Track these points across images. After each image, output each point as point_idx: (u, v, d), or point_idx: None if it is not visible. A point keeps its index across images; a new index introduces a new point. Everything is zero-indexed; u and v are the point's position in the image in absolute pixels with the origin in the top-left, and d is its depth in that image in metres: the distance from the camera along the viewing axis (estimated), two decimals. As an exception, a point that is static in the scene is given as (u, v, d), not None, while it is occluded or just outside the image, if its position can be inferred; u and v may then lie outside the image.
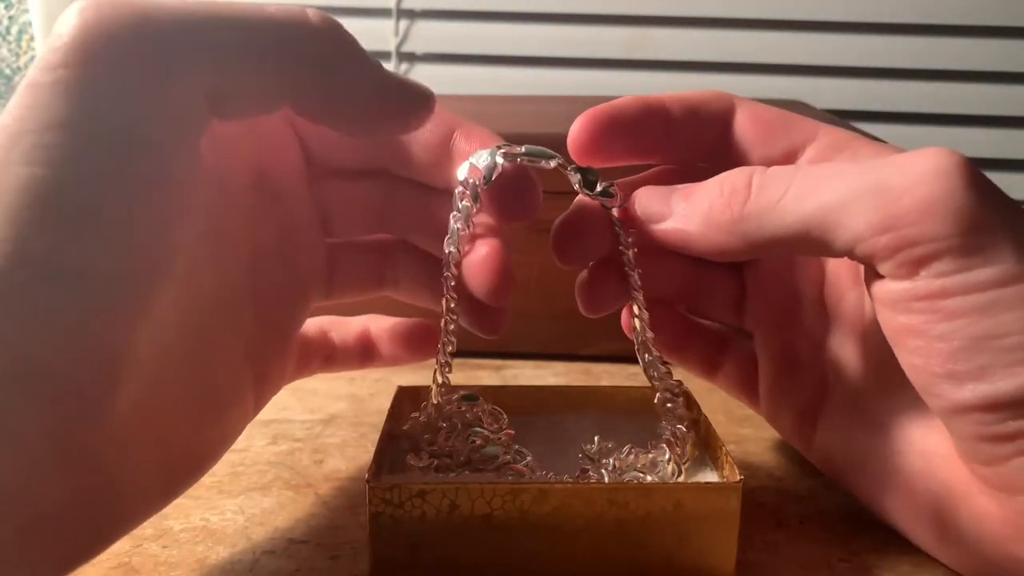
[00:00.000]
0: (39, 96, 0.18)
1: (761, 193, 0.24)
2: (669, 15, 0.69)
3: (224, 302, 0.25)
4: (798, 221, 0.23)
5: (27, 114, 0.18)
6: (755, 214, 0.24)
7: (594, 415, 0.32)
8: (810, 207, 0.23)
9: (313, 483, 0.31)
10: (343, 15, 0.69)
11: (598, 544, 0.25)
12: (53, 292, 0.17)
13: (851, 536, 0.28)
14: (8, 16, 0.74)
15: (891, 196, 0.22)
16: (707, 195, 0.25)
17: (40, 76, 0.18)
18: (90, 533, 0.20)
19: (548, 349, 0.44)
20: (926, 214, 0.21)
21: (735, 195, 0.24)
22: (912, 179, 0.22)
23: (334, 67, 0.23)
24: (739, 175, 0.25)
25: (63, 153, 0.18)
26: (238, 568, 0.26)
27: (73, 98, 0.18)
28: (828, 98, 0.66)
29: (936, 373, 0.22)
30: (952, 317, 0.21)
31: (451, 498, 0.24)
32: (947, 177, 0.21)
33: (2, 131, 0.18)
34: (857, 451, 0.28)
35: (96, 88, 0.19)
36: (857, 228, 0.22)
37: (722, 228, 0.24)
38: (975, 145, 0.68)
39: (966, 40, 0.67)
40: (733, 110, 0.28)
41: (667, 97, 0.28)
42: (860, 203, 0.22)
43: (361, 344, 0.31)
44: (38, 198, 0.17)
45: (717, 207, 0.24)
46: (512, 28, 0.70)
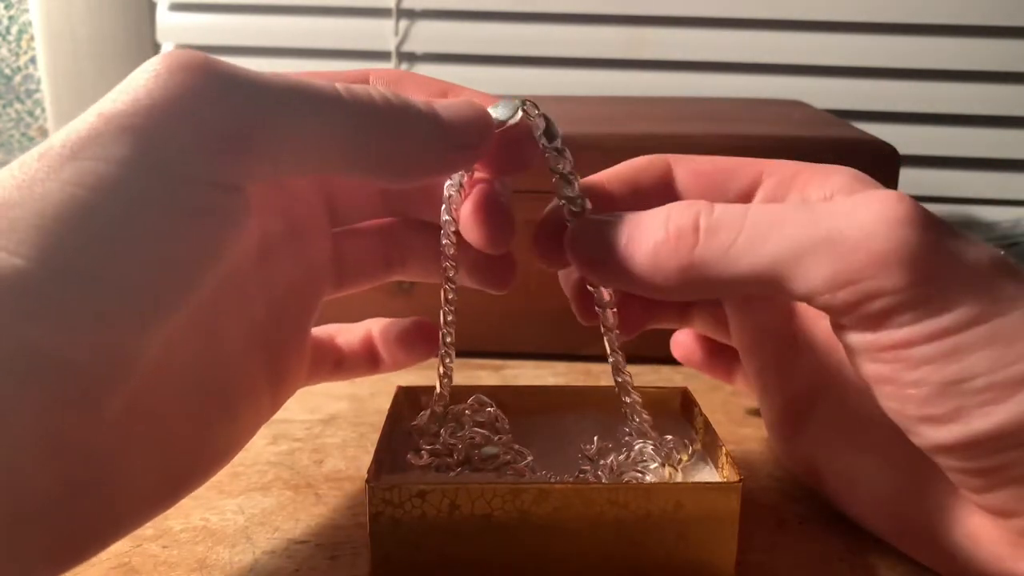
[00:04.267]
0: (104, 131, 0.18)
1: (710, 238, 0.23)
2: (669, 15, 0.68)
3: (234, 296, 0.25)
4: (750, 270, 0.22)
5: (86, 142, 0.18)
6: (705, 261, 0.23)
7: (594, 415, 0.32)
8: (763, 257, 0.22)
9: (313, 483, 0.31)
10: (343, 15, 0.69)
11: (598, 544, 0.25)
12: (69, 291, 0.17)
13: (851, 536, 0.28)
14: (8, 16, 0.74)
15: (845, 249, 0.21)
16: (651, 236, 0.23)
17: (112, 113, 0.18)
18: (82, 530, 0.20)
19: (548, 349, 0.44)
20: (881, 268, 0.21)
21: (682, 239, 0.23)
22: (863, 231, 0.21)
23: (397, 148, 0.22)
24: (685, 214, 0.23)
25: (111, 184, 0.18)
26: (238, 568, 0.26)
27: (141, 145, 0.18)
28: (828, 98, 0.66)
29: (912, 416, 0.22)
30: (919, 365, 0.22)
31: (451, 498, 0.24)
32: (898, 226, 0.21)
33: (57, 151, 0.18)
34: (846, 468, 0.28)
35: (167, 144, 0.19)
36: (814, 282, 0.22)
37: (669, 274, 0.23)
38: (975, 145, 0.68)
39: (966, 40, 0.67)
40: (670, 171, 0.28)
41: (604, 178, 0.28)
42: (815, 256, 0.22)
43: (367, 349, 0.31)
44: (74, 213, 0.18)
45: (663, 251, 0.23)
46: (512, 28, 0.70)
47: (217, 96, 0.19)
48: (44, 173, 0.18)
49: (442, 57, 0.71)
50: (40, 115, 0.77)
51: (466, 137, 0.23)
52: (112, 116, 0.18)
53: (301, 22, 0.71)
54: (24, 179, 0.18)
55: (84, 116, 0.19)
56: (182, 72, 0.19)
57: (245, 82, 0.20)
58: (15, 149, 0.77)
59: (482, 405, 0.29)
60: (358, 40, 0.70)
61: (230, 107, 0.19)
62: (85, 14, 0.72)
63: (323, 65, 0.72)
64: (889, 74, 0.68)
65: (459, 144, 0.23)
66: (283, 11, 0.71)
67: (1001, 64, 0.67)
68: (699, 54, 0.69)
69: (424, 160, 0.23)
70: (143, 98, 0.19)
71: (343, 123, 0.21)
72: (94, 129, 0.18)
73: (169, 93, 0.19)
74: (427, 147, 0.23)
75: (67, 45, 0.72)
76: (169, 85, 0.19)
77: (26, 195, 0.17)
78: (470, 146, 0.24)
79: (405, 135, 0.22)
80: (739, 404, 0.38)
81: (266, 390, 0.26)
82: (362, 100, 0.22)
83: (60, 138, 0.18)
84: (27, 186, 0.18)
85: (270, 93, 0.20)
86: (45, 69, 0.73)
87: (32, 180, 0.18)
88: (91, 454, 0.19)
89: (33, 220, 0.17)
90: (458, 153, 0.24)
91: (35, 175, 0.18)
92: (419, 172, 0.23)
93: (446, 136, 0.23)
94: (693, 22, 0.69)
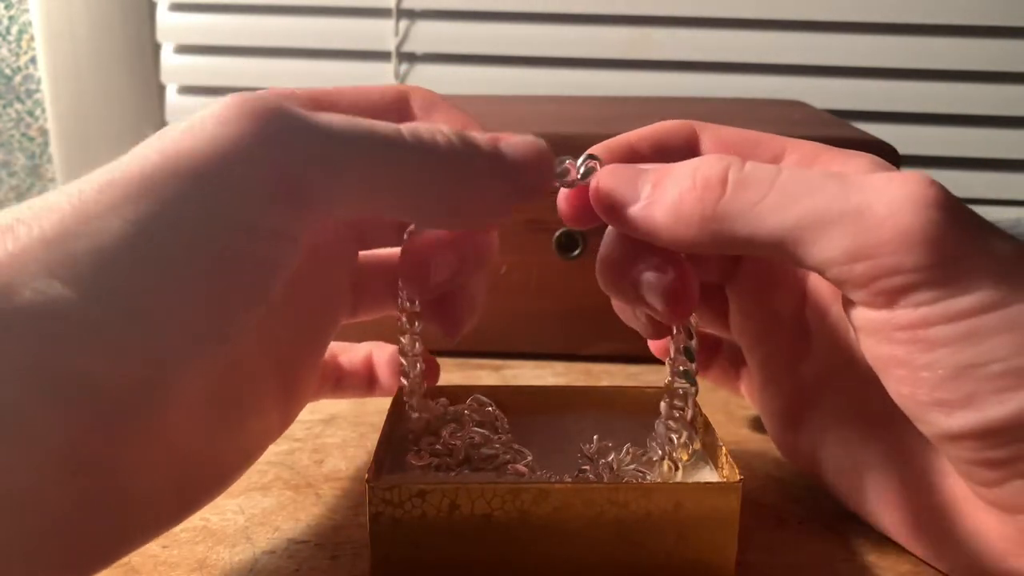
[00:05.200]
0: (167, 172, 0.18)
1: (738, 193, 0.23)
2: (669, 15, 0.69)
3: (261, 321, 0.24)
4: (774, 231, 0.22)
5: (149, 183, 0.18)
6: (729, 215, 0.23)
7: (594, 415, 0.32)
8: (788, 219, 0.22)
9: (313, 483, 0.31)
10: (343, 15, 0.69)
11: (598, 544, 0.25)
12: (118, 327, 0.18)
13: (851, 536, 0.28)
14: (8, 16, 0.74)
15: (870, 223, 0.21)
16: (678, 184, 0.23)
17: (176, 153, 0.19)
18: (97, 544, 0.20)
19: (548, 349, 0.44)
20: (903, 244, 0.21)
21: (708, 190, 0.23)
22: (891, 207, 0.21)
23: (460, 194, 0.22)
24: (714, 166, 0.23)
25: (170, 227, 0.18)
26: (238, 568, 0.26)
27: (203, 191, 0.19)
28: (828, 98, 0.66)
29: (924, 402, 0.22)
30: (935, 347, 0.21)
31: (451, 498, 0.24)
32: (925, 207, 0.21)
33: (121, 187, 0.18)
34: (849, 463, 0.28)
35: (226, 190, 0.19)
36: (833, 251, 0.22)
37: (691, 223, 0.23)
38: (975, 145, 0.68)
39: (966, 40, 0.67)
40: (696, 136, 0.28)
41: (633, 137, 0.27)
42: (839, 226, 0.22)
43: (366, 370, 0.31)
44: (132, 253, 0.18)
45: (688, 200, 0.23)
46: (512, 28, 0.70)
47: (280, 145, 0.19)
48: (105, 208, 0.18)
49: (442, 57, 0.71)
50: (40, 115, 0.77)
51: (531, 181, 0.23)
52: (176, 157, 0.19)
53: (301, 22, 0.71)
54: (84, 211, 0.18)
55: (145, 151, 0.19)
56: (247, 118, 0.19)
57: (309, 129, 0.20)
58: (15, 149, 0.77)
59: (481, 405, 0.29)
60: (358, 40, 0.70)
61: (293, 158, 0.20)
62: (85, 14, 0.72)
63: (323, 65, 0.72)
64: (889, 74, 0.68)
65: (523, 189, 0.23)
66: (283, 11, 0.71)
67: (1001, 64, 0.67)
68: (699, 54, 0.69)
69: (487, 205, 0.23)
70: (207, 143, 0.19)
71: (407, 170, 0.21)
72: (157, 168, 0.18)
73: (233, 140, 0.19)
74: (491, 192, 0.23)
75: (67, 45, 0.72)
76: (233, 131, 0.19)
77: (84, 229, 0.18)
78: (535, 190, 0.24)
79: (469, 181, 0.22)
80: (739, 404, 0.38)
81: (277, 408, 0.26)
82: (426, 144, 0.21)
83: (122, 171, 0.18)
84: (86, 220, 0.18)
85: (333, 141, 0.20)
86: (45, 69, 0.73)
87: (93, 214, 0.18)
88: (108, 475, 0.19)
89: (91, 256, 0.17)
90: (522, 198, 0.23)
91: (97, 209, 0.18)
92: (481, 218, 0.23)
93: (511, 180, 0.23)
94: (694, 22, 0.69)
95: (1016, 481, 0.21)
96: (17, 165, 0.77)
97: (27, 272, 0.17)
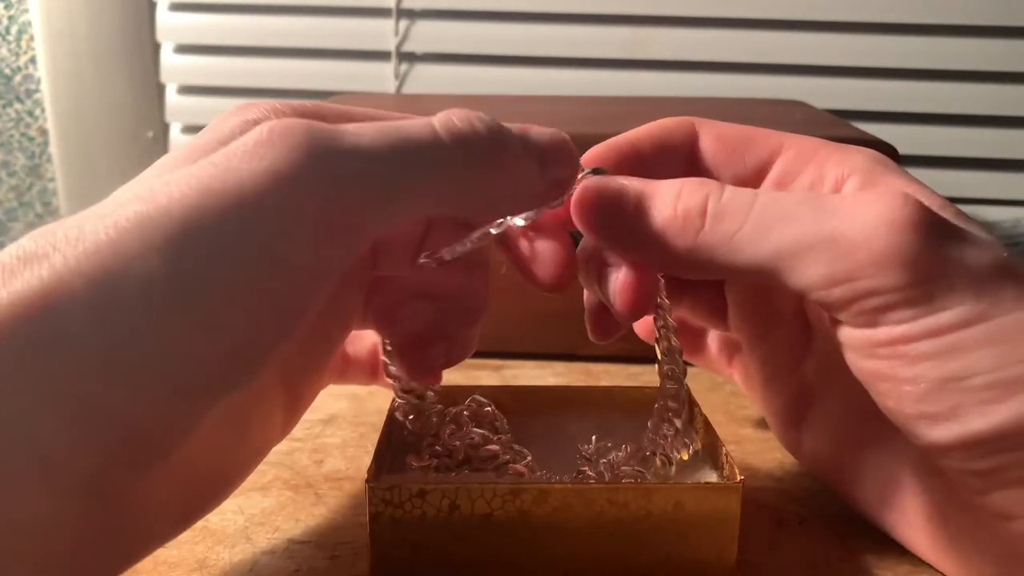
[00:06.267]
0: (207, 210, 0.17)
1: (716, 224, 0.23)
2: (669, 15, 0.68)
3: None
4: (751, 260, 0.23)
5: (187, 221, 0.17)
6: (709, 246, 0.23)
7: (594, 415, 0.32)
8: (765, 250, 0.23)
9: (313, 483, 0.31)
10: (343, 15, 0.69)
11: (598, 544, 0.25)
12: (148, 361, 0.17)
13: (851, 536, 0.28)
14: (8, 16, 0.74)
15: (845, 249, 0.22)
16: (660, 210, 0.24)
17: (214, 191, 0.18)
18: (108, 561, 0.20)
19: (548, 349, 0.44)
20: (879, 268, 0.21)
21: (689, 221, 0.24)
22: (864, 231, 0.22)
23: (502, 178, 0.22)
24: (695, 195, 0.24)
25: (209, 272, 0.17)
26: (238, 568, 0.26)
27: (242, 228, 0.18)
28: (828, 98, 0.66)
29: (909, 414, 0.22)
30: (917, 361, 0.21)
31: (451, 498, 0.24)
32: (899, 230, 0.21)
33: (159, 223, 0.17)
34: (850, 460, 0.28)
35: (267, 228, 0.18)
36: (812, 278, 0.22)
37: (675, 252, 0.24)
38: (975, 145, 0.68)
39: (966, 40, 0.67)
40: (696, 134, 0.28)
41: (635, 136, 0.28)
42: (814, 254, 0.22)
43: (371, 360, 0.31)
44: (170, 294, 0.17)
45: (671, 230, 0.24)
46: (512, 28, 0.70)
47: (322, 180, 0.19)
48: (144, 245, 0.17)
49: (442, 57, 0.71)
50: (40, 115, 0.76)
51: (560, 165, 0.23)
52: (215, 194, 0.18)
53: (301, 22, 0.71)
54: (121, 244, 0.17)
55: (181, 182, 0.18)
56: (286, 152, 0.18)
57: (346, 155, 0.19)
58: (15, 149, 0.77)
59: (480, 405, 0.29)
60: (358, 40, 0.70)
61: (336, 193, 0.19)
62: (85, 14, 0.72)
63: (323, 65, 0.72)
64: (889, 74, 0.68)
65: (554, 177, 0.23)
66: (283, 11, 0.71)
67: (1001, 64, 0.67)
68: (699, 54, 0.69)
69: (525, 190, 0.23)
70: (247, 180, 0.18)
71: (449, 169, 0.21)
72: (196, 207, 0.17)
73: (273, 176, 0.18)
74: (527, 176, 0.23)
75: (67, 45, 0.72)
76: (273, 167, 0.18)
77: (124, 265, 0.17)
78: (564, 179, 0.24)
79: (506, 166, 0.22)
80: (739, 404, 0.38)
81: (282, 414, 0.26)
82: (467, 136, 0.21)
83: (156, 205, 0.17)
84: (126, 256, 0.17)
85: (373, 161, 0.19)
86: (45, 69, 0.73)
87: (131, 251, 0.17)
88: (125, 504, 0.19)
89: (130, 297, 0.17)
90: (553, 187, 0.23)
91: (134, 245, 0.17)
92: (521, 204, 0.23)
93: (542, 163, 0.23)
94: (693, 22, 0.69)
95: (1004, 490, 0.22)
96: (17, 165, 0.77)
97: (62, 307, 0.16)
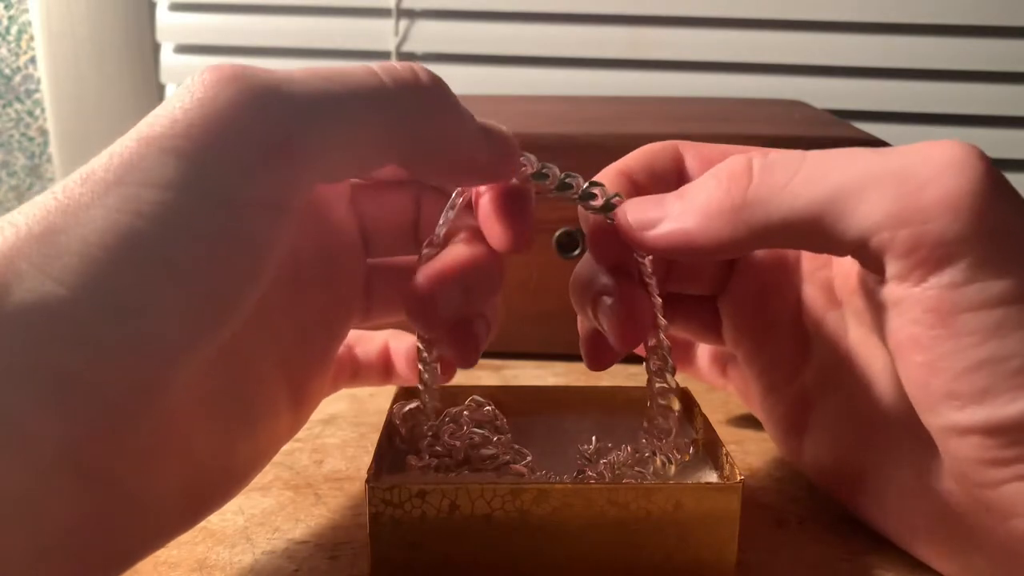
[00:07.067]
0: (148, 155, 0.18)
1: (765, 176, 0.22)
2: (669, 15, 0.69)
3: (263, 320, 0.24)
4: (809, 205, 0.22)
5: (128, 167, 0.18)
6: (760, 199, 0.22)
7: (594, 415, 0.32)
8: (824, 189, 0.21)
9: (313, 483, 0.31)
10: (343, 15, 0.69)
11: (598, 544, 0.25)
12: (107, 322, 0.17)
13: (851, 536, 0.28)
14: (8, 16, 0.74)
15: (913, 185, 0.20)
16: (703, 188, 0.23)
17: (154, 136, 0.18)
18: (108, 554, 0.19)
19: (548, 349, 0.44)
20: (949, 209, 0.20)
21: (735, 181, 0.23)
22: (935, 168, 0.20)
23: (444, 125, 0.22)
24: (736, 161, 0.23)
25: (156, 210, 0.18)
26: (238, 568, 0.26)
27: (183, 167, 0.18)
28: (828, 98, 0.66)
29: (936, 392, 0.21)
30: (960, 335, 0.21)
31: (451, 498, 0.24)
32: (972, 172, 0.20)
33: (101, 176, 0.18)
34: (851, 466, 0.28)
35: (209, 162, 0.18)
36: (874, 217, 0.21)
37: (724, 218, 0.23)
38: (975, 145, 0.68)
39: (966, 40, 0.67)
40: (681, 157, 0.28)
41: (625, 166, 0.27)
42: (879, 189, 0.21)
43: (383, 361, 0.31)
44: (118, 242, 0.17)
45: (716, 197, 0.23)
46: (512, 28, 0.70)
47: (255, 108, 0.19)
48: (88, 199, 0.17)
49: (442, 57, 0.71)
50: (40, 115, 0.77)
51: (501, 144, 0.23)
52: (152, 139, 0.18)
53: (301, 22, 0.71)
54: (68, 204, 0.17)
55: (123, 140, 0.18)
56: (216, 87, 0.19)
57: (281, 88, 0.20)
58: (15, 149, 0.77)
59: (479, 405, 0.29)
60: (358, 40, 0.70)
61: (269, 117, 0.19)
62: (85, 14, 0.72)
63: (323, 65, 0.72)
64: (889, 74, 0.68)
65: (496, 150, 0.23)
66: (283, 11, 0.71)
67: (1001, 64, 0.67)
68: (699, 54, 0.69)
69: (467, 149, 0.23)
70: (180, 119, 0.18)
71: (388, 108, 0.21)
72: (135, 153, 0.18)
73: (206, 110, 0.19)
74: (469, 139, 0.23)
75: (67, 45, 0.72)
76: (205, 102, 0.19)
77: (71, 221, 0.17)
78: (505, 155, 0.24)
79: (448, 122, 0.22)
80: (739, 404, 0.38)
81: (288, 411, 0.26)
82: (408, 81, 0.21)
83: (101, 162, 0.18)
84: (72, 212, 0.17)
85: (308, 94, 0.20)
86: (45, 69, 0.73)
87: (77, 205, 0.17)
88: (115, 483, 0.19)
89: (77, 247, 0.17)
90: (496, 157, 0.23)
91: (79, 200, 0.17)
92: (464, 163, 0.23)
93: (486, 133, 0.23)
94: (693, 22, 0.69)
95: (1016, 483, 0.21)
96: (17, 165, 0.77)
97: (18, 271, 0.17)
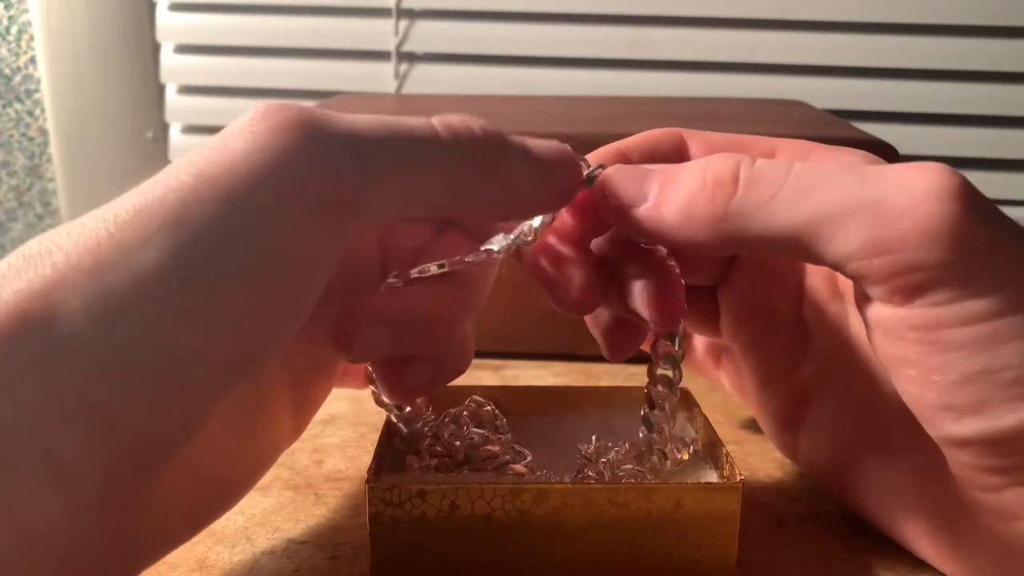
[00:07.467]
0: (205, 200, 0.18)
1: (750, 189, 0.22)
2: (669, 15, 0.69)
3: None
4: (788, 227, 0.22)
5: (185, 208, 0.17)
6: (742, 212, 0.22)
7: (594, 415, 0.32)
8: (803, 214, 0.21)
9: (313, 483, 0.31)
10: (343, 15, 0.69)
11: (598, 544, 0.25)
12: (151, 365, 0.17)
13: (851, 536, 0.28)
14: (8, 16, 0.74)
15: (890, 215, 0.21)
16: (688, 184, 0.23)
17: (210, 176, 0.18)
18: (117, 568, 0.19)
19: (548, 349, 0.44)
20: (925, 238, 0.20)
21: (720, 188, 0.22)
22: (912, 198, 0.20)
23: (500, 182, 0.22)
24: (724, 164, 0.23)
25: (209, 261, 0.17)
26: (238, 568, 0.26)
27: (242, 220, 0.18)
28: (828, 98, 0.66)
29: (932, 405, 0.21)
30: (949, 350, 0.21)
31: (451, 498, 0.24)
32: (949, 199, 0.20)
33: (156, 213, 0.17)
34: (848, 462, 0.28)
35: (269, 218, 0.18)
36: (851, 245, 0.21)
37: (703, 223, 0.22)
38: (975, 145, 0.68)
39: (966, 40, 0.67)
40: (685, 145, 0.28)
41: (624, 146, 0.27)
42: (856, 218, 0.21)
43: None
44: (169, 288, 0.17)
45: (700, 200, 0.22)
46: (512, 28, 0.70)
47: (317, 158, 0.19)
48: (142, 238, 0.17)
49: (442, 57, 0.71)
50: (40, 115, 0.77)
51: (562, 178, 0.23)
52: (211, 179, 0.18)
53: (301, 22, 0.71)
54: (122, 240, 0.17)
55: (177, 172, 0.18)
56: (279, 132, 0.18)
57: (344, 138, 0.19)
58: (15, 149, 0.77)
59: (480, 405, 0.29)
60: (358, 40, 0.70)
61: (332, 170, 0.19)
62: (85, 14, 0.72)
63: (323, 65, 0.72)
64: (889, 74, 0.68)
65: (557, 186, 0.23)
66: (283, 11, 0.71)
67: (1001, 64, 0.67)
68: (699, 54, 0.69)
69: (525, 196, 0.23)
70: (241, 163, 0.18)
71: (446, 166, 0.21)
72: (191, 193, 0.18)
73: (267, 157, 0.18)
74: (528, 187, 0.22)
75: (67, 45, 0.72)
76: (267, 147, 0.18)
77: (122, 260, 0.17)
78: (567, 189, 0.23)
79: (506, 175, 0.22)
80: (739, 404, 0.38)
81: (289, 417, 0.26)
82: (463, 137, 0.21)
83: (156, 195, 0.18)
84: (125, 249, 0.17)
85: (368, 147, 0.19)
86: (45, 69, 0.73)
87: (130, 243, 0.17)
88: (134, 508, 0.19)
89: (127, 288, 0.17)
90: (556, 194, 0.23)
91: (133, 237, 0.17)
92: (522, 210, 0.23)
93: (543, 175, 0.23)
94: (693, 22, 0.69)
95: (1017, 488, 0.21)
96: (17, 165, 0.77)
97: (66, 305, 0.16)
